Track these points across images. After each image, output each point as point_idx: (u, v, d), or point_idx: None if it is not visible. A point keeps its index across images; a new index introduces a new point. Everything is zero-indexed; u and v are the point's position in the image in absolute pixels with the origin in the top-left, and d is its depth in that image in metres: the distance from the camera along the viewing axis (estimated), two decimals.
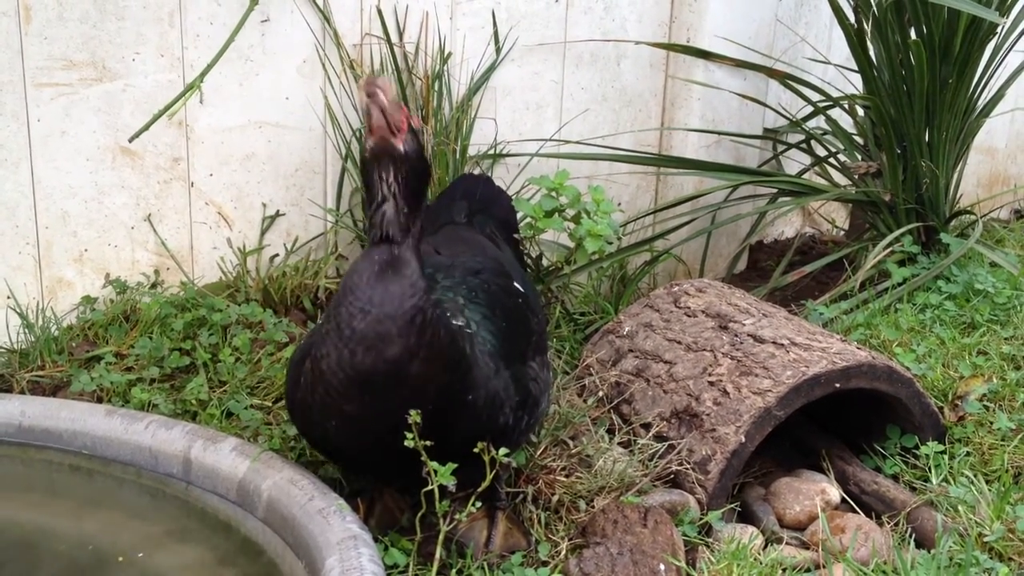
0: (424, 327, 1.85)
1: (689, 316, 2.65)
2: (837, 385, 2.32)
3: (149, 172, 2.80)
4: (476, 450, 1.89)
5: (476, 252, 2.27)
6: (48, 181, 2.69)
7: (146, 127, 2.58)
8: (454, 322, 1.96)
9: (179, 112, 2.77)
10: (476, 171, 3.17)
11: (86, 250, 2.78)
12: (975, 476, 2.33)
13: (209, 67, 2.59)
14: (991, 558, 2.11)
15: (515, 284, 2.24)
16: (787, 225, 4.05)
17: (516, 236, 2.63)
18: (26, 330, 2.69)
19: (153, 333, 2.70)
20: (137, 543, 2.04)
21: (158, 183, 2.82)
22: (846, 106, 3.45)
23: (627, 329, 2.70)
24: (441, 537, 1.95)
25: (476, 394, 1.95)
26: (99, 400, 2.49)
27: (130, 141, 2.66)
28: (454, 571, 2.02)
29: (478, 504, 1.96)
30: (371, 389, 1.85)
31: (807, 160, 3.65)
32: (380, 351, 1.83)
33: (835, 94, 3.49)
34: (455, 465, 1.85)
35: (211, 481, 2.12)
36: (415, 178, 1.87)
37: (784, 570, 2.10)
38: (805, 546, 2.25)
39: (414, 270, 1.87)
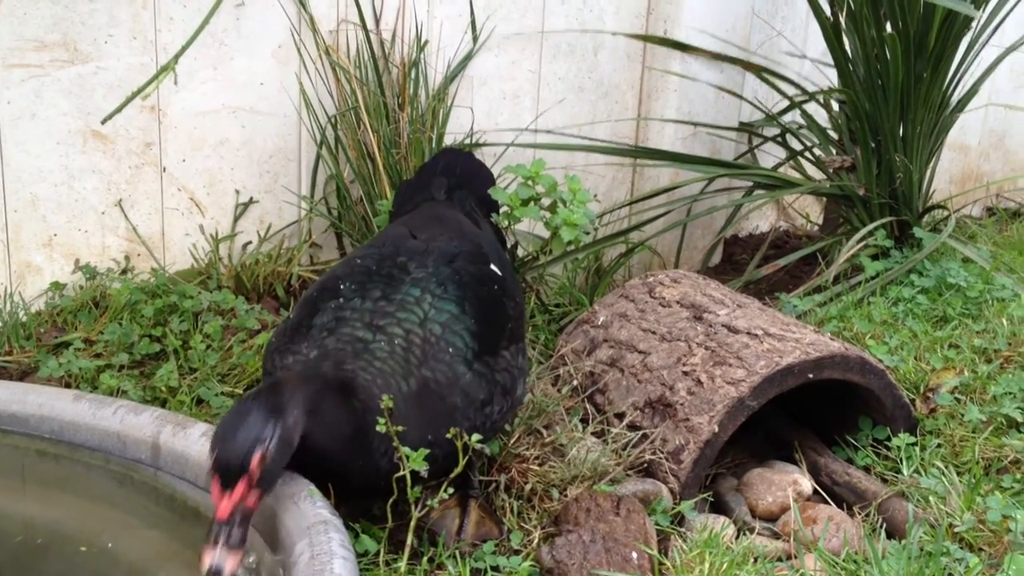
0: (356, 451, 1.87)
1: (664, 306, 2.65)
2: (810, 375, 2.32)
3: (120, 156, 2.77)
4: (449, 436, 1.88)
5: (453, 233, 2.25)
6: (17, 164, 2.65)
7: (119, 109, 2.56)
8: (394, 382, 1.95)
9: (152, 96, 2.74)
10: None
11: (55, 235, 2.74)
12: (946, 467, 2.34)
13: (183, 49, 2.56)
14: (962, 548, 2.11)
15: (492, 267, 2.22)
16: (762, 219, 4.06)
17: (492, 216, 2.61)
18: None
19: (123, 319, 2.67)
20: (104, 529, 2.01)
21: (129, 168, 2.79)
22: (821, 100, 3.46)
23: (602, 319, 2.69)
24: (412, 524, 1.93)
25: (432, 429, 1.95)
26: (67, 386, 2.46)
27: (102, 123, 2.63)
28: (425, 559, 2.01)
29: (450, 491, 1.95)
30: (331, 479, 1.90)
31: (782, 154, 3.66)
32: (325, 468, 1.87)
33: (811, 88, 3.50)
34: (427, 451, 1.84)
35: (180, 467, 2.10)
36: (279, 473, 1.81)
37: (756, 559, 2.10)
38: (777, 536, 2.25)
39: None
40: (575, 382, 2.58)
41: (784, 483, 2.34)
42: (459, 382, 1.99)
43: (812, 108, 3.53)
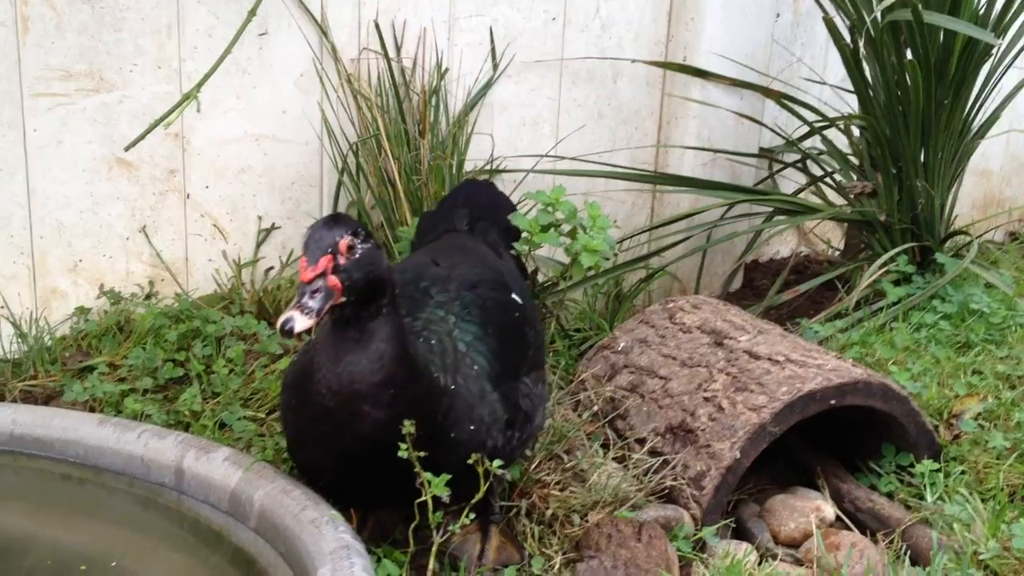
0: (396, 397, 1.85)
1: (684, 332, 2.65)
2: (832, 402, 2.31)
3: (145, 183, 2.80)
4: (470, 461, 1.88)
5: (475, 263, 2.26)
6: (43, 191, 2.68)
7: (142, 136, 2.58)
8: (432, 369, 1.95)
9: (176, 124, 2.77)
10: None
11: (80, 261, 2.77)
12: (970, 494, 2.33)
13: (206, 77, 2.59)
14: None
15: (513, 296, 2.23)
16: (782, 244, 4.05)
17: (513, 247, 2.62)
18: (19, 340, 2.68)
19: (147, 344, 2.69)
20: (128, 552, 2.03)
21: (154, 194, 2.81)
22: (842, 126, 3.46)
23: (622, 345, 2.70)
24: (434, 550, 1.94)
25: (460, 429, 1.95)
26: (91, 410, 2.47)
27: (126, 150, 2.66)
28: None
29: (471, 516, 1.95)
30: (352, 459, 1.89)
31: (803, 179, 3.66)
32: (354, 429, 1.85)
33: (831, 114, 3.50)
34: (449, 476, 1.84)
35: (203, 491, 2.11)
36: (361, 293, 1.82)
37: None
38: (800, 563, 2.24)
39: (382, 338, 1.85)
40: (596, 407, 2.57)
41: (807, 509, 2.33)
42: (486, 397, 2.00)
43: (832, 134, 3.53)
